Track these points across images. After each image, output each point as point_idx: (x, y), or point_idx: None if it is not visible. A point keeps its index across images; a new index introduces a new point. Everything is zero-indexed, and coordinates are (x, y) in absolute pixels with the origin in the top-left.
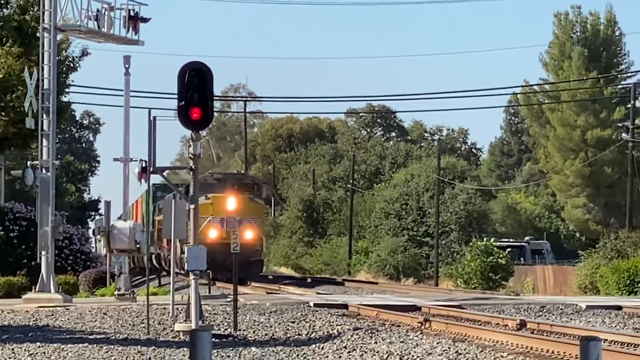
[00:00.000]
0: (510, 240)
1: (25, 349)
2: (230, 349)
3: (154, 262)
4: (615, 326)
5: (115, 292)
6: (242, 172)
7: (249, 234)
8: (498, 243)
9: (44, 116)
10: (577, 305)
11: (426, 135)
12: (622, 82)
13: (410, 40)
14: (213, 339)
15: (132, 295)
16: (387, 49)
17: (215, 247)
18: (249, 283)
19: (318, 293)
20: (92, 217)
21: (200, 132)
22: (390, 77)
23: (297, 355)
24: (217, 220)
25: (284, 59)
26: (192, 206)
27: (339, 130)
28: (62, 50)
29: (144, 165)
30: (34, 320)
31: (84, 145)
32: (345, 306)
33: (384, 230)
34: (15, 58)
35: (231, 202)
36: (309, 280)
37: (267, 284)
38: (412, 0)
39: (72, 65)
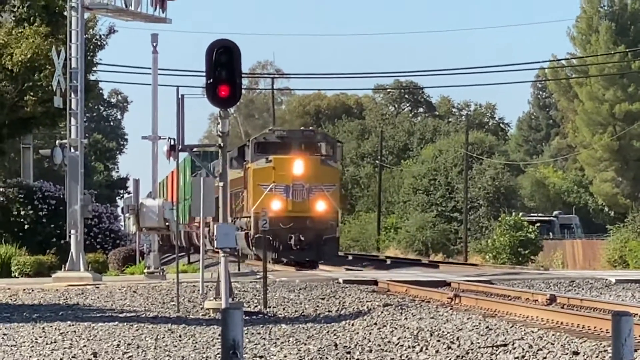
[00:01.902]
0: (539, 215)
1: (56, 328)
2: (261, 325)
3: (195, 239)
4: None
5: (145, 270)
6: (310, 128)
7: (321, 206)
8: (527, 218)
9: (72, 95)
10: (606, 279)
11: (454, 110)
12: None
13: (438, 16)
14: (244, 317)
15: (161, 273)
16: (414, 25)
17: (278, 221)
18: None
19: (347, 269)
20: (121, 195)
21: (228, 109)
22: (418, 53)
23: (328, 331)
24: (281, 189)
25: (311, 35)
26: (222, 183)
27: (366, 107)
28: (89, 29)
29: (172, 143)
30: (64, 299)
31: (112, 123)
32: (375, 282)
33: (413, 206)
34: (43, 37)
35: (298, 166)
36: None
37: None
38: None
39: (99, 43)
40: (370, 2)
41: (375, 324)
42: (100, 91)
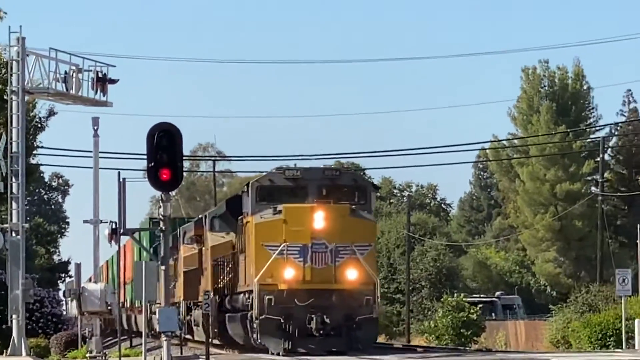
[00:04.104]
0: (482, 295)
1: None
2: None
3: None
4: None
5: (87, 355)
6: (333, 167)
7: (352, 274)
8: (469, 299)
9: (13, 179)
10: None
11: (395, 191)
12: (591, 136)
13: (378, 97)
14: None
15: (103, 358)
16: (355, 106)
17: (292, 297)
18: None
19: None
20: (63, 279)
21: (169, 192)
22: (359, 134)
23: None
24: (296, 250)
25: (252, 117)
26: (163, 267)
27: None
28: (29, 111)
29: (114, 226)
30: None
31: (53, 207)
32: None
33: None
34: None
35: (319, 218)
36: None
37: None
38: (380, 57)
39: (39, 125)
40: (311, 85)
41: None
42: (41, 174)
